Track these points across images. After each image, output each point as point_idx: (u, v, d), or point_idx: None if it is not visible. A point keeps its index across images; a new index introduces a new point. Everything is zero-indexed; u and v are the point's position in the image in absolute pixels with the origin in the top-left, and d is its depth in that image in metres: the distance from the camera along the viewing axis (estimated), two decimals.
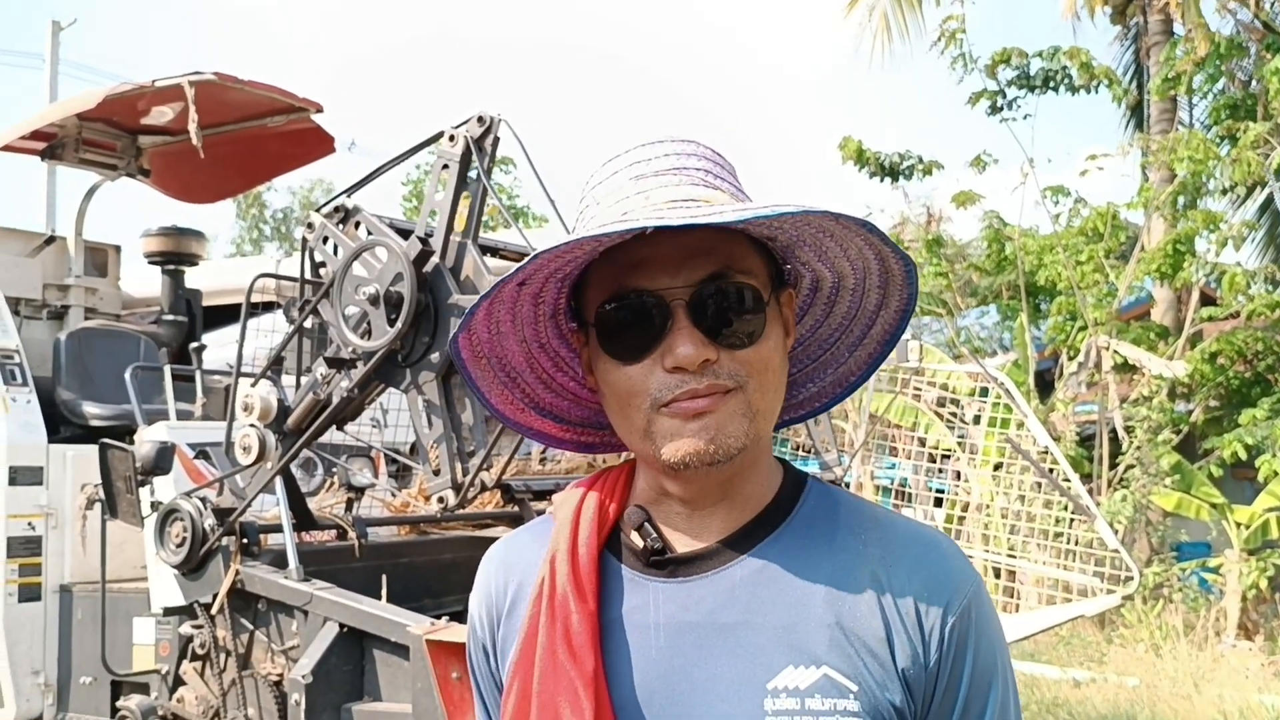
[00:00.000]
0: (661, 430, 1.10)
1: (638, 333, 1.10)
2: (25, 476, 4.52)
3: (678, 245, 1.08)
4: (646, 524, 1.16)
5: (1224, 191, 11.22)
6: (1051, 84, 12.00)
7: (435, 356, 3.48)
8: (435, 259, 3.48)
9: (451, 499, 3.55)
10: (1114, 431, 10.92)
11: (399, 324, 3.39)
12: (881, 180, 12.93)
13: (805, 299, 1.24)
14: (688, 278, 1.08)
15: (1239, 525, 10.27)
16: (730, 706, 1.08)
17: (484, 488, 3.69)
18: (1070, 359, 11.70)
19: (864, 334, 1.24)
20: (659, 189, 1.11)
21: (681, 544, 1.16)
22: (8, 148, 5.56)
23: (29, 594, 4.50)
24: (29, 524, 4.52)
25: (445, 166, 3.55)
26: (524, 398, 1.27)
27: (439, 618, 3.50)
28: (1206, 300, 11.94)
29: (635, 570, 1.17)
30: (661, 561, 1.16)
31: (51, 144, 5.64)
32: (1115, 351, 10.91)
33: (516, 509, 4.48)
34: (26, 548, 4.51)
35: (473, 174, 3.56)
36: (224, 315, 6.47)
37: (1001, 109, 12.30)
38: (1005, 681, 1.15)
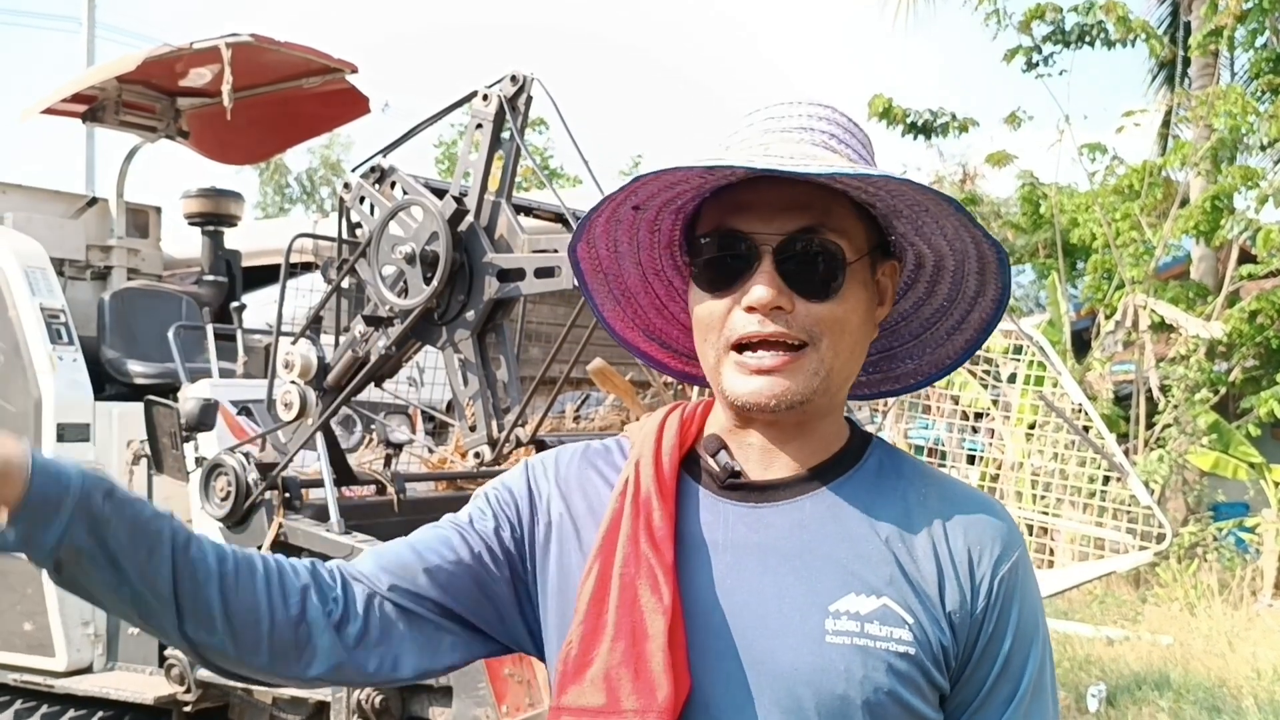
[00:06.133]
0: (728, 371, 1.18)
1: (726, 268, 1.17)
2: (72, 433, 4.62)
3: (779, 196, 1.15)
4: (723, 450, 1.23)
5: (1263, 147, 11.05)
6: (1087, 39, 11.83)
7: (471, 314, 3.53)
8: (470, 218, 3.52)
9: (487, 455, 3.61)
10: (1151, 391, 10.85)
11: (435, 282, 3.44)
12: (915, 138, 12.82)
13: (910, 275, 1.30)
14: (780, 227, 1.15)
15: (1277, 485, 10.21)
16: (790, 622, 1.15)
17: (519, 444, 3.75)
18: (1107, 318, 11.61)
19: (963, 319, 1.30)
20: (780, 143, 1.18)
21: (756, 474, 1.23)
22: (50, 110, 5.63)
23: None
24: None
25: (479, 126, 3.58)
26: (635, 318, 1.35)
27: None
28: (1246, 258, 11.79)
29: (710, 490, 1.24)
30: (736, 485, 1.23)
31: (93, 107, 5.70)
32: (1152, 310, 10.81)
33: None
34: None
35: (506, 134, 3.59)
36: (262, 276, 6.54)
37: (1036, 65, 12.15)
38: (1045, 643, 1.24)
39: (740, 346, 1.17)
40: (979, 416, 7.14)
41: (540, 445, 4.46)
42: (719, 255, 1.18)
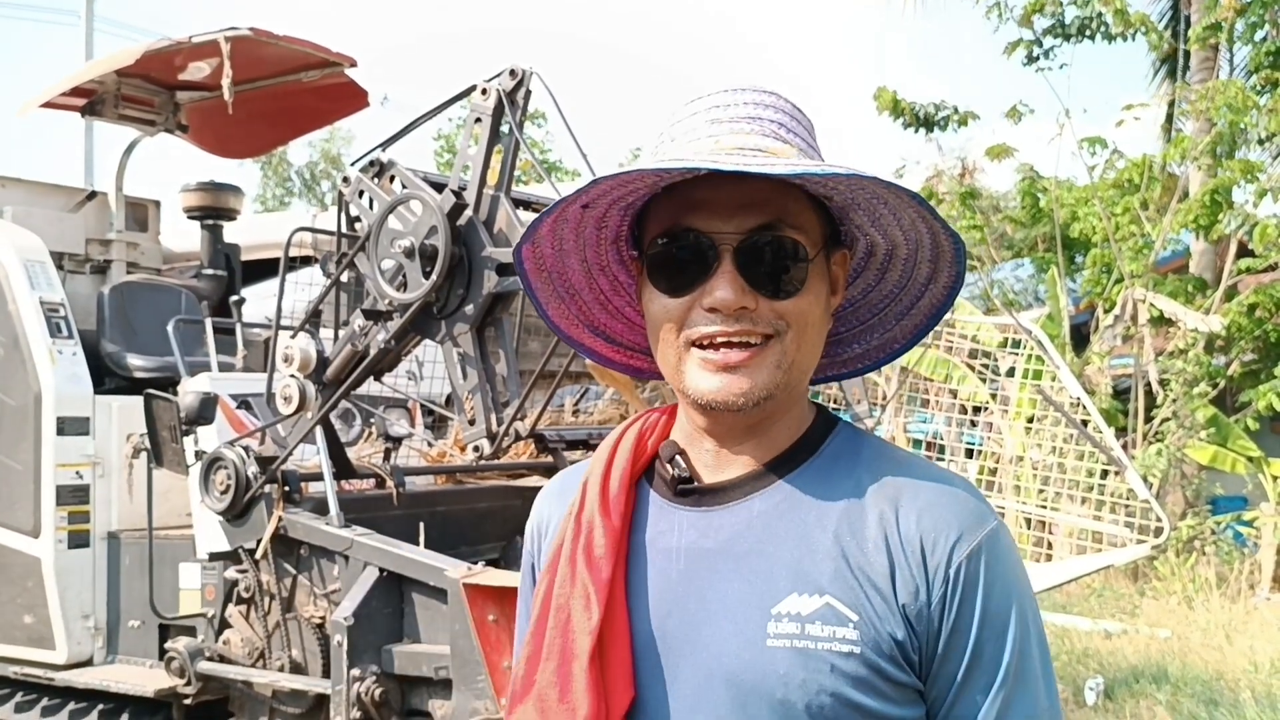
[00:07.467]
0: (691, 369, 1.16)
1: (684, 269, 1.15)
2: (72, 427, 4.63)
3: (735, 193, 1.12)
4: (678, 456, 1.22)
5: (1262, 141, 11.03)
6: (1087, 32, 11.82)
7: (469, 308, 3.54)
8: (469, 212, 3.53)
9: (486, 448, 3.62)
10: (1149, 385, 10.85)
11: (434, 276, 3.45)
12: (916, 131, 12.81)
13: (859, 263, 1.28)
14: (739, 225, 1.13)
15: (1275, 478, 10.22)
16: (735, 627, 1.14)
17: (518, 437, 3.77)
18: (1106, 312, 11.61)
19: (912, 304, 1.28)
20: (730, 135, 1.15)
21: (710, 477, 1.22)
22: (50, 104, 5.63)
23: (78, 541, 4.63)
24: (77, 473, 4.64)
25: (478, 120, 3.59)
26: (580, 315, 1.33)
27: (475, 563, 3.58)
28: (1245, 252, 11.78)
29: (665, 498, 1.23)
30: (688, 491, 1.21)
31: (92, 100, 5.70)
32: (1151, 304, 10.81)
33: (550, 458, 4.54)
34: (75, 496, 4.62)
35: (505, 128, 3.59)
36: (262, 270, 6.55)
37: (1037, 59, 12.14)
38: (1025, 627, 1.15)
39: (701, 343, 1.15)
40: (978, 410, 7.14)
41: (539, 439, 4.48)
42: (676, 255, 1.15)
